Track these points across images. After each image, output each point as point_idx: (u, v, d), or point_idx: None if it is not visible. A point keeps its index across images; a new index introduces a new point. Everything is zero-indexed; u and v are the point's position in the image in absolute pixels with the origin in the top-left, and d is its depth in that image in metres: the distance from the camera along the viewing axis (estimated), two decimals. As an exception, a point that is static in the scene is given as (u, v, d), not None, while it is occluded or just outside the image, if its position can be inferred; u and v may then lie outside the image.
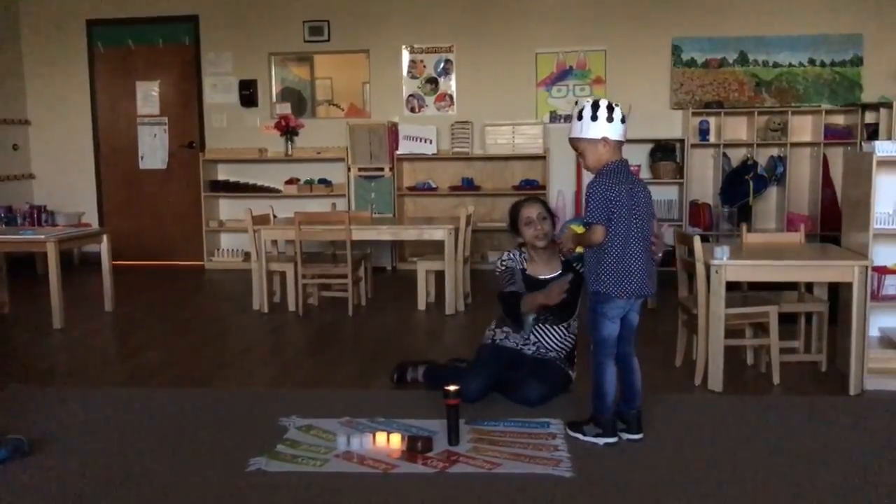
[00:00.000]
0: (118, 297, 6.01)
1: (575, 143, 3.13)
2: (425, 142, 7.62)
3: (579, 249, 3.17)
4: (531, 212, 3.67)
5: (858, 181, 3.83)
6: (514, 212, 3.74)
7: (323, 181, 7.87)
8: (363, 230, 5.83)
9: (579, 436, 3.20)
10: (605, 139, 3.06)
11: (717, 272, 3.74)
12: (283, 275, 6.01)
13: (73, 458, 3.08)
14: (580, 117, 3.06)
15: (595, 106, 3.06)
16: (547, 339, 3.76)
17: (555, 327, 3.75)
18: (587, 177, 3.29)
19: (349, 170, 7.80)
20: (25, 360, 4.68)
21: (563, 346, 3.78)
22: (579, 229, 3.09)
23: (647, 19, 7.50)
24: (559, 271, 3.73)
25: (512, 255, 3.83)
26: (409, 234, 6.16)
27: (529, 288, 3.73)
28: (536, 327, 3.75)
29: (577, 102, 3.10)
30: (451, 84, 7.84)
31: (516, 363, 3.75)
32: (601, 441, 3.16)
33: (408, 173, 7.87)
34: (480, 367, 3.71)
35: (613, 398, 3.18)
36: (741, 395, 3.81)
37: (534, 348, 3.79)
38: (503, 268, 3.83)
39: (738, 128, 7.46)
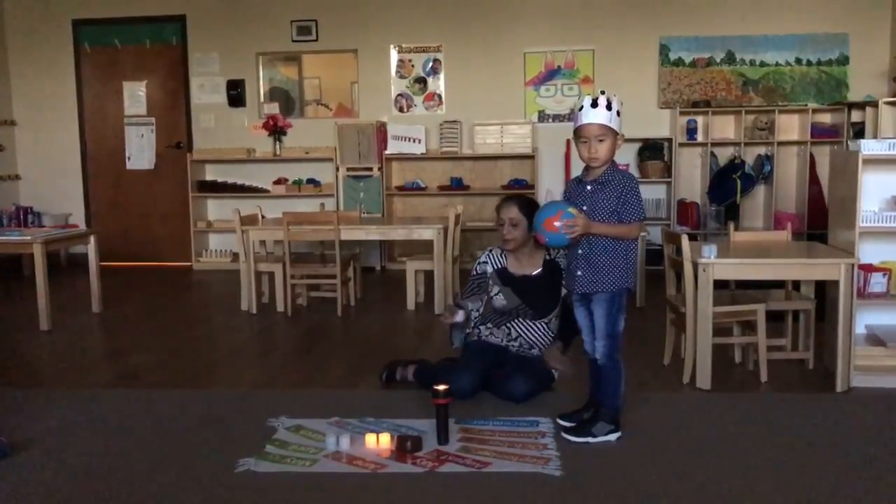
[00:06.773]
0: (106, 299, 5.98)
1: (600, 130, 3.00)
2: (414, 141, 7.62)
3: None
4: (504, 213, 3.71)
5: (845, 179, 3.85)
6: (498, 208, 3.80)
7: (311, 181, 7.86)
8: (352, 230, 5.81)
9: (589, 439, 3.13)
10: (623, 136, 3.11)
11: (704, 270, 3.75)
12: (271, 275, 5.99)
13: (58, 460, 3.05)
14: (609, 107, 3.00)
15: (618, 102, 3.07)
16: (528, 334, 3.78)
17: (535, 323, 3.76)
18: (575, 174, 3.28)
19: (338, 170, 7.79)
20: (11, 361, 4.64)
21: (544, 341, 3.79)
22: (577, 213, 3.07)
23: (634, 19, 7.53)
24: (540, 268, 3.75)
25: (491, 256, 3.85)
26: (398, 233, 6.15)
27: (508, 285, 3.76)
28: (517, 321, 3.76)
29: (602, 92, 3.06)
30: (439, 83, 7.84)
31: (501, 360, 3.76)
32: (614, 437, 3.15)
33: (396, 173, 7.87)
34: (469, 362, 3.72)
35: None
36: (729, 392, 3.83)
37: (517, 345, 3.80)
38: (476, 272, 3.88)
39: (725, 127, 7.49)
